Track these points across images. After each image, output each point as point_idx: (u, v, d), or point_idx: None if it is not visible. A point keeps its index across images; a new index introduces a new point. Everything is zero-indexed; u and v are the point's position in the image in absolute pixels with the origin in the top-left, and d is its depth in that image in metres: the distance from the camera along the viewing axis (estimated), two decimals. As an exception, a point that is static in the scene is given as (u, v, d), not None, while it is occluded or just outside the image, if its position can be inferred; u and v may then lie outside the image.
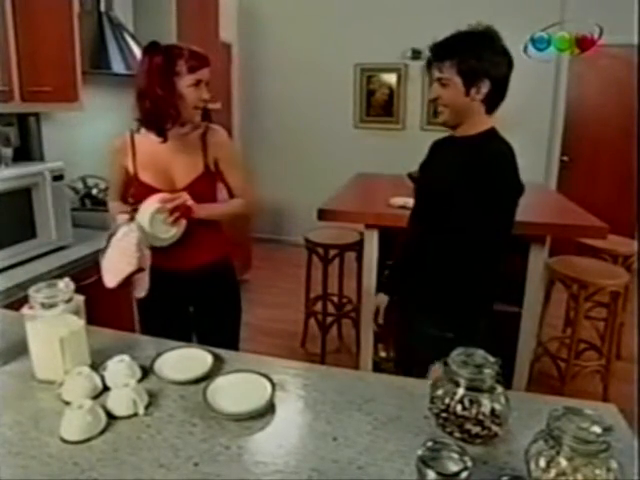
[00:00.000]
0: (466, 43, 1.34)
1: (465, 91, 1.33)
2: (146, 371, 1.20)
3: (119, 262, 1.48)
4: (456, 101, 1.35)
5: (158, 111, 1.51)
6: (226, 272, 1.79)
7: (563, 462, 0.79)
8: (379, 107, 4.95)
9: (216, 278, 1.74)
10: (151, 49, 1.51)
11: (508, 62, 1.35)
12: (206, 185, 1.64)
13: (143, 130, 1.61)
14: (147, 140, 1.60)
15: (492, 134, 1.38)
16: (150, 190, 1.59)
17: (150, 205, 1.51)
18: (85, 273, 2.04)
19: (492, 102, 1.36)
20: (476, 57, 1.31)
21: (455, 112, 1.38)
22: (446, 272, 1.38)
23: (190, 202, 1.55)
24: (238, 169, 1.70)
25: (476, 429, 0.96)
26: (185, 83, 1.51)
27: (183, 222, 1.57)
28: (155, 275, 1.69)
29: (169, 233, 1.57)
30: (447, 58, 1.34)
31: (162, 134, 1.55)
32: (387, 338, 2.64)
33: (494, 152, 1.34)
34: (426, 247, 1.45)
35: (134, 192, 1.63)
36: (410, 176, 2.93)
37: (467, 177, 1.31)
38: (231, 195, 1.71)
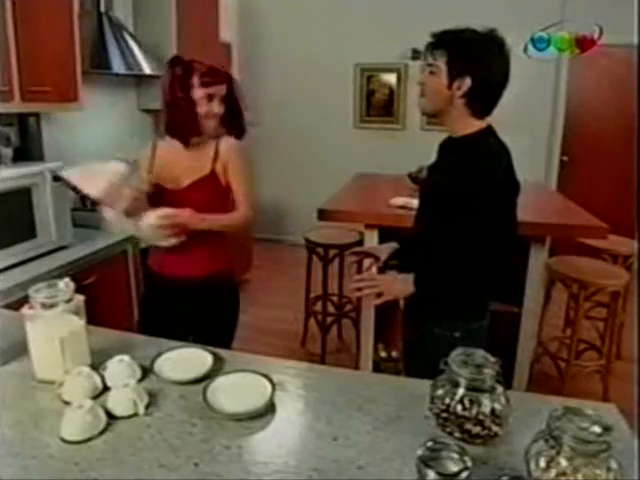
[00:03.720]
0: (464, 38, 1.34)
1: (448, 83, 1.34)
2: (146, 371, 1.20)
3: (93, 181, 1.55)
4: (438, 90, 1.36)
5: (180, 119, 1.63)
6: (224, 285, 1.80)
7: (563, 462, 0.79)
8: (379, 107, 4.95)
9: (214, 289, 1.76)
10: (173, 62, 1.66)
11: (500, 70, 1.33)
12: (209, 187, 1.70)
13: (167, 138, 1.72)
14: (167, 146, 1.73)
15: (487, 133, 1.38)
16: (157, 186, 1.72)
17: (150, 218, 1.58)
18: (85, 273, 2.04)
19: (476, 104, 1.36)
20: (466, 53, 1.32)
21: (435, 102, 1.39)
22: (450, 271, 1.38)
23: (187, 215, 1.59)
24: (240, 180, 1.73)
25: (476, 429, 0.96)
26: (198, 95, 1.62)
27: (182, 235, 1.64)
28: (156, 280, 1.79)
29: (167, 242, 1.63)
30: (441, 46, 1.35)
31: (185, 140, 1.68)
32: (389, 337, 2.64)
33: (485, 149, 1.34)
34: (430, 247, 1.45)
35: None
36: (410, 176, 2.94)
37: (459, 175, 1.31)
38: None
